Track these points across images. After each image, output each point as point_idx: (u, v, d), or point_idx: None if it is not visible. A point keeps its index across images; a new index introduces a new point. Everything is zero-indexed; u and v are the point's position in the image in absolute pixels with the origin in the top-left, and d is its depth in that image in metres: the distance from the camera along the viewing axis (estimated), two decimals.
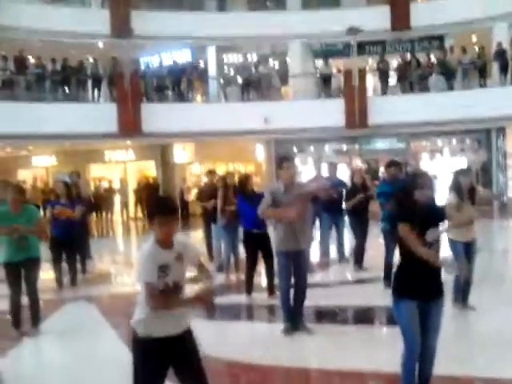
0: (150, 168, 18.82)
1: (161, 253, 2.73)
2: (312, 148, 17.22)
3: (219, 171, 10.38)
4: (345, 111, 15.41)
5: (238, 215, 6.80)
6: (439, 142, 17.07)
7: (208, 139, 16.25)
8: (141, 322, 2.76)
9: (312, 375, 4.36)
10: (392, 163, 6.76)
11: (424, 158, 17.04)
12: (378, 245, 6.99)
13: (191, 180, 18.62)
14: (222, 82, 17.51)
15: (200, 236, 10.12)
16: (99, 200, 16.35)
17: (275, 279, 5.91)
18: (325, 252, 8.60)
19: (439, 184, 11.63)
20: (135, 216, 17.89)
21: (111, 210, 17.42)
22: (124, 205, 18.19)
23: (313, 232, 8.42)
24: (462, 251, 5.29)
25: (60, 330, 5.52)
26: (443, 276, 3.38)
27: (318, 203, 6.61)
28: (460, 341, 4.71)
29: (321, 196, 5.48)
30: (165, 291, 2.71)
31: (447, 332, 3.66)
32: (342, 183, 8.43)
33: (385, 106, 15.24)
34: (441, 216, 3.50)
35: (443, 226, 3.56)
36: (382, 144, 17.04)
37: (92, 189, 17.84)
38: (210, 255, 8.67)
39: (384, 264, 6.43)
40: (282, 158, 5.16)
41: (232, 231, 7.61)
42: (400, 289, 3.31)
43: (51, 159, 19.34)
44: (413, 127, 15.47)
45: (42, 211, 9.22)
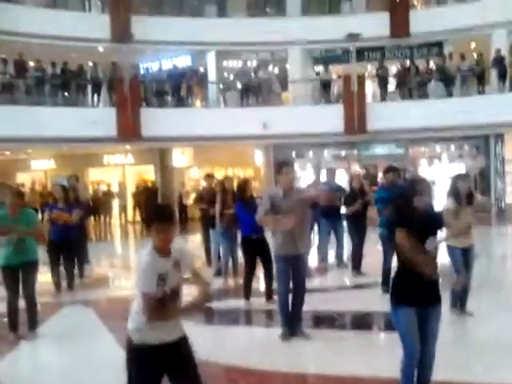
0: (149, 172, 18.82)
1: (159, 261, 2.74)
2: (311, 153, 17.25)
3: (218, 176, 10.38)
4: (344, 117, 15.46)
5: (237, 220, 6.80)
6: (438, 148, 17.11)
7: (207, 144, 16.28)
8: (136, 330, 2.76)
9: (310, 380, 4.35)
10: (390, 169, 6.78)
11: (422, 164, 17.09)
12: (376, 250, 7.00)
13: (190, 184, 18.64)
14: (222, 87, 17.55)
15: (198, 240, 10.11)
16: (97, 204, 16.32)
17: (274, 284, 5.91)
18: (323, 257, 8.60)
19: (437, 190, 11.65)
20: (133, 220, 17.87)
21: (109, 214, 17.38)
22: (122, 208, 18.17)
23: (311, 237, 8.42)
24: (460, 257, 5.29)
25: (57, 334, 5.51)
26: (441, 282, 3.38)
27: (317, 209, 6.61)
28: (458, 347, 4.71)
29: (320, 202, 5.48)
30: (163, 299, 2.72)
31: (445, 338, 3.66)
32: (341, 189, 8.44)
33: (384, 112, 15.29)
34: (439, 223, 3.51)
35: (442, 235, 3.56)
36: (381, 150, 17.09)
37: (90, 192, 17.82)
38: (209, 260, 8.67)
39: (382, 270, 6.43)
40: (281, 163, 5.14)
41: (230, 236, 7.61)
42: (398, 295, 3.31)
43: (50, 163, 19.34)
44: (411, 133, 15.53)
45: (40, 214, 9.23)
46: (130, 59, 15.73)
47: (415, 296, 3.25)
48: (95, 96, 15.84)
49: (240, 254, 6.88)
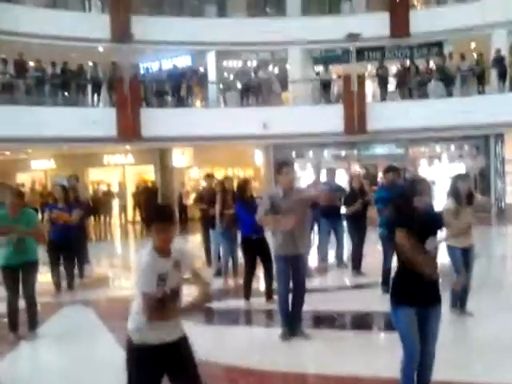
0: (149, 172, 18.83)
1: (159, 261, 2.74)
2: (311, 153, 17.25)
3: (218, 176, 10.38)
4: (344, 117, 15.46)
5: (237, 220, 6.80)
6: (438, 148, 17.11)
7: (207, 144, 16.28)
8: (136, 330, 2.76)
9: (310, 381, 4.35)
10: (390, 169, 6.77)
11: (422, 164, 17.09)
12: (376, 250, 7.00)
13: (190, 184, 18.64)
14: (222, 87, 17.55)
15: (198, 240, 10.11)
16: (98, 204, 16.32)
17: (274, 284, 5.91)
18: (323, 257, 8.60)
19: (437, 190, 11.65)
20: (133, 220, 17.87)
21: (109, 214, 17.39)
22: (122, 208, 18.18)
23: (311, 237, 8.43)
24: (460, 257, 5.29)
25: (57, 334, 5.51)
26: (441, 282, 3.38)
27: (317, 209, 6.61)
28: (458, 347, 4.71)
29: (320, 202, 5.47)
30: (163, 299, 2.72)
31: (445, 338, 3.66)
32: (341, 188, 8.45)
33: (384, 112, 15.29)
34: (439, 223, 3.51)
35: (442, 235, 3.56)
36: (381, 150, 17.08)
37: (90, 192, 17.82)
38: (209, 260, 8.67)
39: (382, 269, 6.43)
40: (281, 163, 5.14)
41: (230, 236, 7.61)
42: (398, 295, 3.30)
43: (50, 163, 19.34)
44: (411, 133, 15.53)
45: (40, 214, 9.23)
46: (130, 59, 15.73)
47: (415, 296, 3.25)
48: (95, 96, 15.83)
49: (240, 254, 6.88)
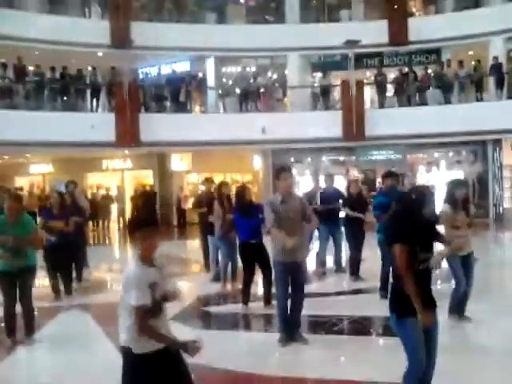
0: (148, 176, 18.83)
1: (148, 271, 2.75)
2: (309, 159, 17.28)
3: (217, 181, 10.38)
4: (342, 123, 15.51)
5: (235, 225, 6.79)
6: (436, 154, 17.16)
7: (206, 149, 16.29)
8: (135, 341, 2.73)
9: None
10: (389, 174, 6.80)
11: (420, 170, 17.13)
12: (375, 255, 7.00)
13: (188, 189, 18.64)
14: (221, 93, 17.59)
15: (197, 245, 10.10)
16: (96, 208, 16.32)
17: (272, 289, 5.90)
18: (322, 262, 8.60)
19: (436, 196, 11.68)
20: None
21: (108, 218, 17.38)
22: (121, 212, 18.17)
23: (310, 243, 8.44)
24: (460, 265, 5.31)
25: (55, 339, 5.49)
26: (438, 287, 3.39)
27: (315, 214, 6.62)
28: (456, 352, 4.71)
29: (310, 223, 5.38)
30: (153, 308, 2.71)
31: (443, 343, 3.66)
32: (340, 194, 8.47)
33: (382, 118, 15.35)
34: (435, 230, 3.49)
35: (445, 251, 3.51)
36: (379, 155, 17.10)
37: (89, 197, 17.81)
38: (207, 264, 8.65)
39: (380, 275, 6.44)
40: (280, 169, 5.15)
41: (229, 241, 7.59)
42: (402, 308, 3.20)
43: (48, 167, 19.35)
44: (409, 139, 15.58)
45: (38, 218, 9.20)
46: (130, 64, 15.77)
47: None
48: (94, 101, 15.85)
49: (238, 259, 6.88)
